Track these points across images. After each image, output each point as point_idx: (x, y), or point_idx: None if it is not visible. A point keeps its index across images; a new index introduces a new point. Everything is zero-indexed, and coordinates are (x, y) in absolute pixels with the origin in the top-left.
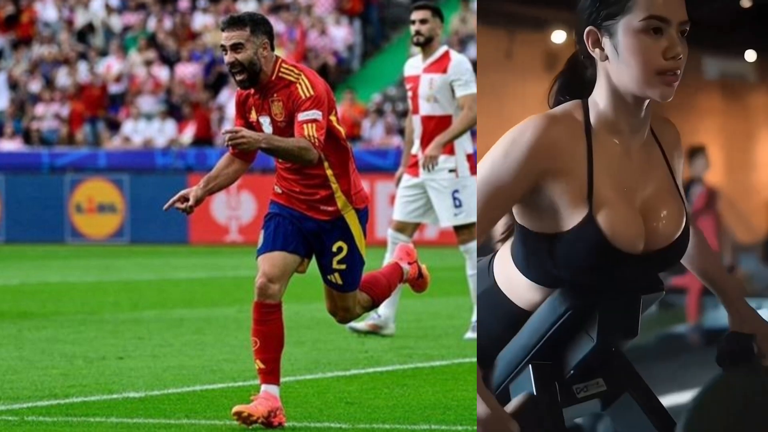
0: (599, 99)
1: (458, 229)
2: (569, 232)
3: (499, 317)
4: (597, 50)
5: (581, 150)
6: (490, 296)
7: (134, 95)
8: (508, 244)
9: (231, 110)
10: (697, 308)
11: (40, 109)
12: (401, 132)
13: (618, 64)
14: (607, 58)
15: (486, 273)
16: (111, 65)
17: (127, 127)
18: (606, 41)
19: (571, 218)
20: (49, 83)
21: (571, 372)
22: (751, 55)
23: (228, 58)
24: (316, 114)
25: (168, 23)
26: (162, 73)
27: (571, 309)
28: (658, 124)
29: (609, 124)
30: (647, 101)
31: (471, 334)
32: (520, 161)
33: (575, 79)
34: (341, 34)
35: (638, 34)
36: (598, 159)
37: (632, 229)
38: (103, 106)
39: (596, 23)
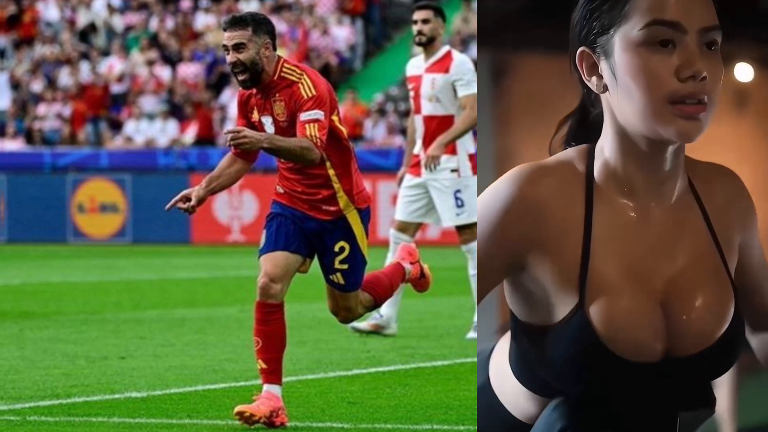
0: (605, 145)
1: (460, 229)
2: (555, 327)
3: (495, 425)
4: (594, 78)
5: (577, 213)
6: (486, 397)
7: (136, 95)
8: (508, 335)
9: (233, 110)
10: None
11: (42, 109)
12: (403, 132)
13: (619, 94)
14: (606, 88)
15: (483, 367)
16: (113, 65)
17: (129, 127)
18: (603, 65)
19: (560, 307)
20: (51, 83)
21: None
22: None
23: (230, 58)
24: (318, 114)
25: (170, 23)
26: (164, 73)
27: (569, 429)
28: (705, 175)
29: (618, 180)
30: (672, 146)
31: (473, 334)
32: (494, 227)
33: (585, 122)
34: (343, 34)
35: (639, 49)
36: (600, 226)
37: (642, 328)
38: (105, 106)
39: (588, 41)
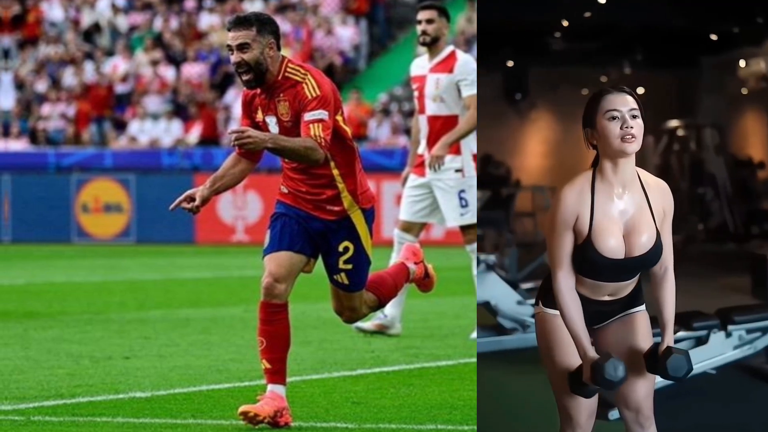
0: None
1: (464, 228)
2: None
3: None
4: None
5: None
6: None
7: (140, 95)
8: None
9: (237, 110)
10: None
11: (46, 109)
12: (407, 132)
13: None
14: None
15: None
16: (117, 65)
17: (134, 127)
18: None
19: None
20: (56, 83)
21: None
22: None
23: (234, 58)
24: (322, 114)
25: (174, 23)
26: (168, 72)
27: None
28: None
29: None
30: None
31: (476, 334)
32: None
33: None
34: (347, 34)
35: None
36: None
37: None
38: (110, 106)
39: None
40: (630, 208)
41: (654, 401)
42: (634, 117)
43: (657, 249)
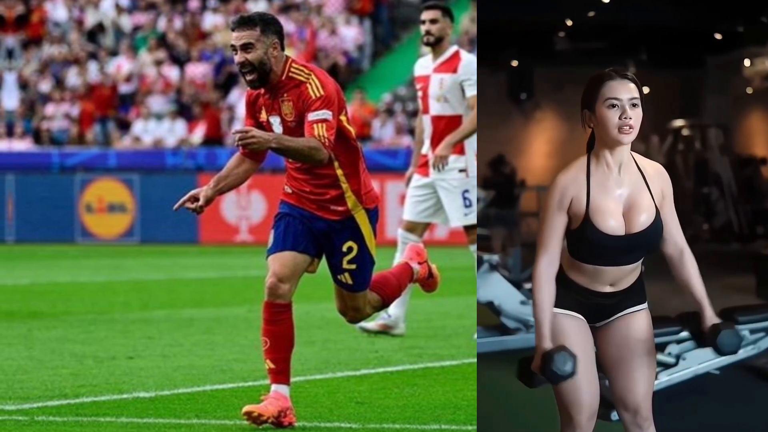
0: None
1: (468, 228)
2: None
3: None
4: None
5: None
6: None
7: (144, 95)
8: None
9: (241, 110)
10: None
11: (50, 109)
12: (411, 132)
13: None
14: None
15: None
16: (121, 65)
17: (138, 127)
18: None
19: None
20: (59, 83)
21: None
22: None
23: (238, 57)
24: (326, 114)
25: (178, 23)
26: (172, 72)
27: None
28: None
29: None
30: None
31: None
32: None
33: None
34: (351, 34)
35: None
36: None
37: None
38: (114, 106)
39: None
40: (627, 189)
41: (655, 401)
42: (634, 106)
43: (657, 226)
